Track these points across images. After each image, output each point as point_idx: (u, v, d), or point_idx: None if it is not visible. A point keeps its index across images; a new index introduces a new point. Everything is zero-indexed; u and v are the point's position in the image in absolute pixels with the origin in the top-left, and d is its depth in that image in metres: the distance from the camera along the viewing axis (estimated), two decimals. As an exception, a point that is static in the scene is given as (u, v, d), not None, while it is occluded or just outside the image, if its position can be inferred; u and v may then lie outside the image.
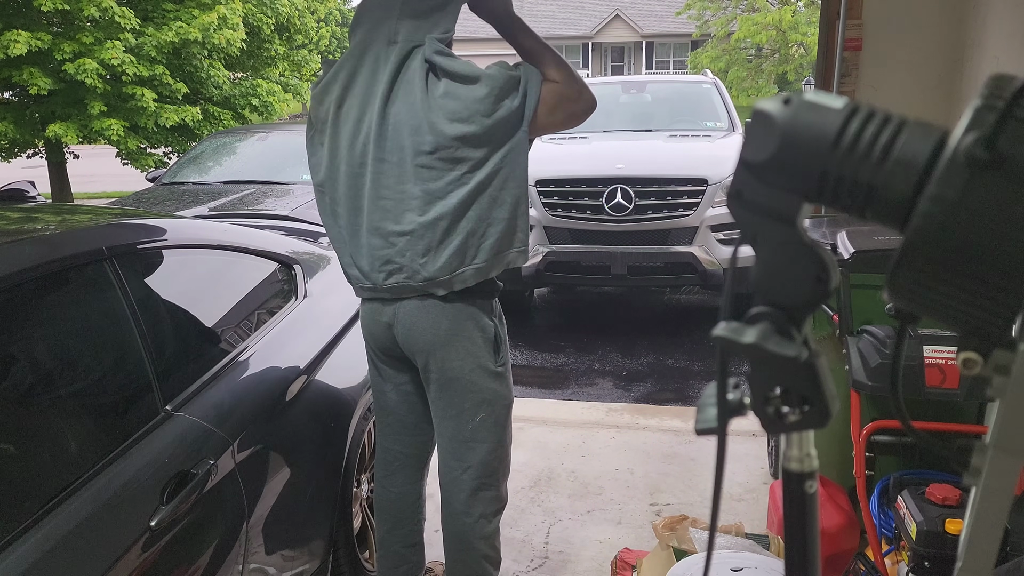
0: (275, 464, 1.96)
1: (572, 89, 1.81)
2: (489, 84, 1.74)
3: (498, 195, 1.80)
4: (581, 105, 1.83)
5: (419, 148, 1.76)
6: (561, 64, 1.83)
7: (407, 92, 1.77)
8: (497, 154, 1.78)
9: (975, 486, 0.68)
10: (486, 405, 1.93)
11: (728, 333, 0.63)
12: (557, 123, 1.84)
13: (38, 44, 9.32)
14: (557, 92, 1.80)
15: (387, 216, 1.81)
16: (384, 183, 1.80)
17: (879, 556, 2.10)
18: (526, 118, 1.79)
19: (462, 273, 1.83)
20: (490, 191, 1.79)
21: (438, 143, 1.75)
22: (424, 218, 1.78)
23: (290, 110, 14.36)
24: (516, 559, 2.67)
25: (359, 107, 1.81)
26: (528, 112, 1.78)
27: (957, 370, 1.73)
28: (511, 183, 1.81)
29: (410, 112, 1.76)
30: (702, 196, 5.09)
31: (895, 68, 3.70)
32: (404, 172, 1.78)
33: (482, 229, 1.81)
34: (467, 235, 1.80)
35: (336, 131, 1.84)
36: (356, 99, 1.82)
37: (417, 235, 1.80)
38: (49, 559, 1.28)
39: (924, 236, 0.55)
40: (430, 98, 1.75)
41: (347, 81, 1.83)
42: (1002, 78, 0.56)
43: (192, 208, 5.45)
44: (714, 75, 7.59)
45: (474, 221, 1.80)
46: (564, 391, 4.57)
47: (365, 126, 1.81)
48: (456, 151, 1.75)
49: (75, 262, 1.62)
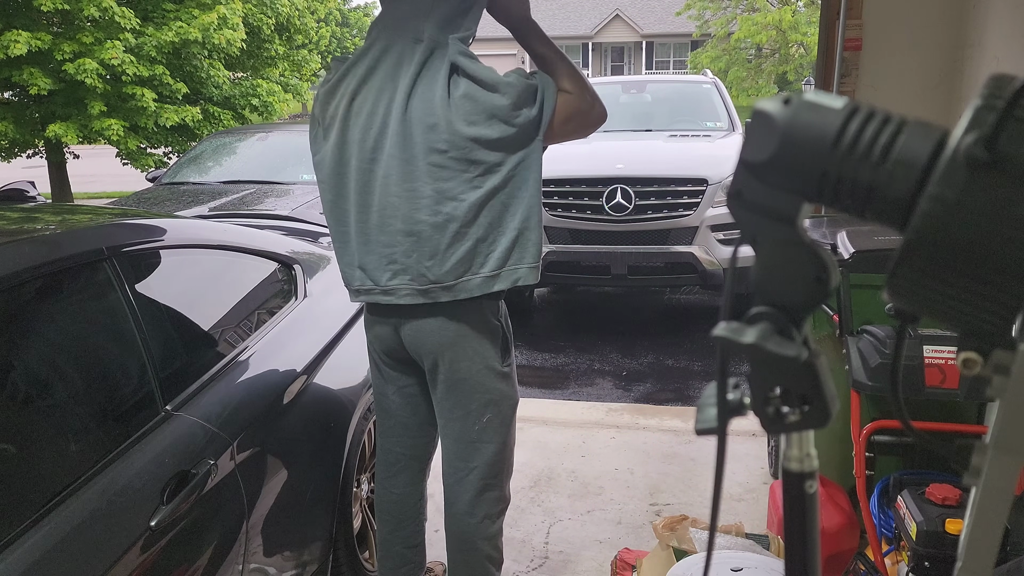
0: (275, 464, 1.96)
1: (585, 101, 1.82)
2: (509, 92, 1.74)
3: (510, 202, 1.79)
4: (593, 116, 1.85)
5: (433, 146, 1.75)
6: (575, 74, 1.83)
7: (426, 89, 1.76)
8: (511, 160, 1.77)
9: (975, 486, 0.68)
10: (493, 406, 1.93)
11: (728, 333, 0.63)
12: (569, 133, 1.85)
13: (38, 44, 9.32)
14: (571, 103, 1.81)
15: (396, 214, 1.80)
16: (395, 180, 1.79)
17: (879, 556, 2.10)
18: (542, 127, 1.79)
19: (468, 281, 1.81)
20: (502, 197, 1.78)
21: (453, 142, 1.74)
22: (434, 219, 1.77)
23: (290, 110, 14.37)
24: (516, 559, 2.67)
25: (373, 101, 1.80)
26: (544, 122, 1.79)
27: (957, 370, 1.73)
28: (524, 191, 1.80)
29: (427, 109, 1.75)
30: (702, 196, 5.09)
31: (895, 68, 3.70)
32: (416, 170, 1.77)
33: (492, 236, 1.80)
34: (476, 241, 1.79)
35: (346, 125, 1.83)
36: (371, 94, 1.81)
37: (425, 236, 1.78)
38: (49, 559, 1.28)
39: (924, 236, 0.55)
40: (450, 98, 1.75)
41: (364, 76, 1.82)
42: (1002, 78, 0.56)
43: (192, 208, 5.44)
44: (714, 75, 7.60)
45: (484, 227, 1.78)
46: (564, 391, 4.57)
47: (378, 120, 1.79)
48: (470, 152, 1.74)
49: (75, 262, 1.62)
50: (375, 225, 1.83)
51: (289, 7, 12.69)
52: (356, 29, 30.95)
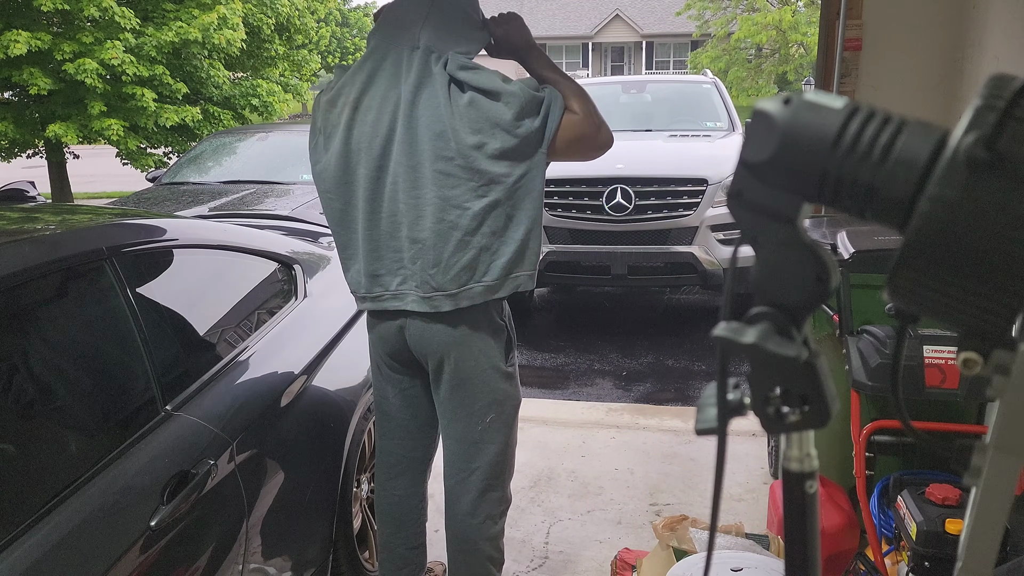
0: (275, 464, 1.96)
1: (591, 125, 1.83)
2: (511, 103, 1.74)
3: (513, 213, 1.80)
4: (599, 140, 1.85)
5: (440, 153, 1.76)
6: (582, 97, 1.84)
7: (431, 96, 1.77)
8: (515, 172, 1.77)
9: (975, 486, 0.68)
10: (496, 406, 1.93)
11: (728, 333, 0.63)
12: (573, 153, 1.86)
13: (38, 44, 9.32)
14: (577, 124, 1.82)
15: (403, 221, 1.81)
16: (403, 187, 1.79)
17: (879, 556, 2.10)
18: (546, 140, 1.80)
19: (470, 289, 1.81)
20: (506, 209, 1.79)
21: (459, 151, 1.75)
22: (438, 226, 1.78)
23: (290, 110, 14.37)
24: (516, 559, 2.67)
25: (378, 108, 1.80)
26: (548, 135, 1.79)
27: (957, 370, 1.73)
28: (527, 203, 1.81)
29: (434, 117, 1.76)
30: (702, 196, 5.09)
31: (895, 68, 3.70)
32: (422, 177, 1.78)
33: (495, 247, 1.80)
34: (480, 250, 1.79)
35: (350, 133, 1.82)
36: (375, 101, 1.81)
37: (429, 244, 1.79)
38: (49, 559, 1.28)
39: (924, 236, 0.55)
40: (453, 106, 1.76)
41: (365, 83, 1.83)
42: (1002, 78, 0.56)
43: (192, 208, 5.45)
44: (714, 75, 7.59)
45: (488, 237, 1.79)
46: (564, 391, 4.57)
47: (384, 127, 1.79)
48: (474, 161, 1.75)
49: (75, 262, 1.62)
50: (385, 231, 1.84)
51: (289, 7, 12.69)
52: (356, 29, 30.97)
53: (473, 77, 1.77)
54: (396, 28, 1.83)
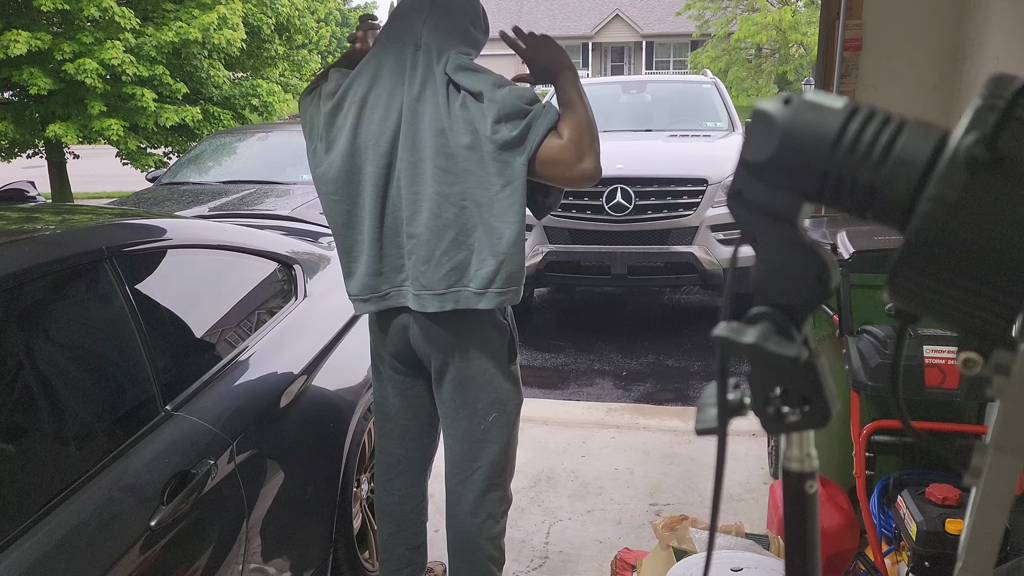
0: (275, 464, 1.96)
1: (571, 153, 1.74)
2: (491, 107, 1.73)
3: (496, 224, 1.77)
4: (575, 171, 1.75)
5: (441, 150, 1.76)
6: (579, 128, 1.75)
7: (433, 95, 1.78)
8: (497, 181, 1.75)
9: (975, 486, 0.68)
10: (499, 405, 1.93)
11: (728, 333, 0.63)
12: (548, 177, 1.79)
13: (38, 44, 9.32)
14: (555, 148, 1.74)
15: (404, 216, 1.81)
16: (405, 183, 1.80)
17: (879, 556, 2.10)
18: (526, 150, 1.74)
19: (457, 292, 1.80)
20: (490, 218, 1.77)
21: (456, 150, 1.75)
22: (433, 223, 1.78)
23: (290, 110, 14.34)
24: (516, 559, 2.67)
25: (384, 106, 1.81)
26: (528, 147, 1.74)
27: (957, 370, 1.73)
28: (510, 215, 1.76)
29: (436, 115, 1.77)
30: (702, 196, 5.09)
31: (895, 68, 3.70)
32: (422, 173, 1.78)
33: (483, 254, 1.79)
34: (470, 253, 1.79)
35: (357, 132, 1.82)
36: (382, 99, 1.81)
37: (423, 240, 1.79)
38: (49, 559, 1.28)
39: (924, 236, 0.55)
40: (451, 106, 1.77)
41: (371, 82, 1.83)
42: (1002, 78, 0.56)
43: (192, 208, 5.45)
44: (714, 75, 7.59)
45: (479, 241, 1.78)
46: (564, 391, 4.57)
47: (392, 124, 1.80)
48: (465, 161, 1.75)
49: (75, 262, 1.62)
50: (390, 227, 1.84)
51: (289, 7, 12.70)
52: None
53: (465, 79, 1.77)
54: (400, 30, 1.85)
